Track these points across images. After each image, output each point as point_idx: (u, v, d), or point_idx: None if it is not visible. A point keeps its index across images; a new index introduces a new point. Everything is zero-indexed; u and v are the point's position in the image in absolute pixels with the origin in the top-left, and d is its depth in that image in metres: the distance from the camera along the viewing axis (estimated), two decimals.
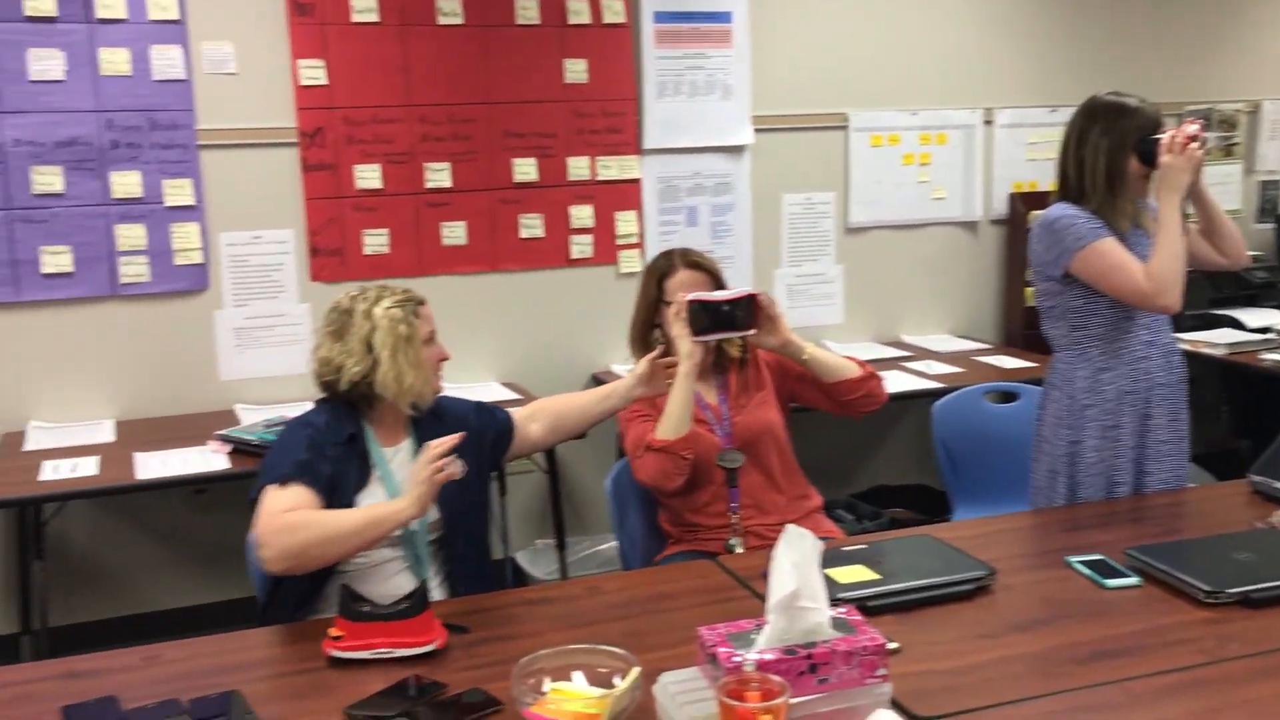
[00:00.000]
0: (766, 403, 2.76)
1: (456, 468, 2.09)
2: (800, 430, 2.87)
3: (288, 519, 2.08)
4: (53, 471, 3.10)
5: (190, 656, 1.94)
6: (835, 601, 1.67)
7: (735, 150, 4.33)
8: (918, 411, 4.51)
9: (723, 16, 4.22)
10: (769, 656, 1.50)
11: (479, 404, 2.52)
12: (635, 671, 1.62)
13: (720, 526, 2.68)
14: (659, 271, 2.76)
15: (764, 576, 2.11)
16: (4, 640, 3.58)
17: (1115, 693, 1.70)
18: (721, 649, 1.54)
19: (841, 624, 1.59)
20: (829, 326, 4.55)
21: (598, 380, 4.12)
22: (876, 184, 4.54)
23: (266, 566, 2.09)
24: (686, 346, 2.54)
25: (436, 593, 2.30)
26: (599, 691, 1.62)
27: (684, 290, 2.65)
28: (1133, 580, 2.08)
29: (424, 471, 2.07)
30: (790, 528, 1.63)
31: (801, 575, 1.56)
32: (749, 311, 2.56)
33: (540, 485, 4.14)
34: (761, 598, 2.04)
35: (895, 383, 3.89)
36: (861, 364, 2.70)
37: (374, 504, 2.19)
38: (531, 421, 2.55)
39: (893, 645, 1.74)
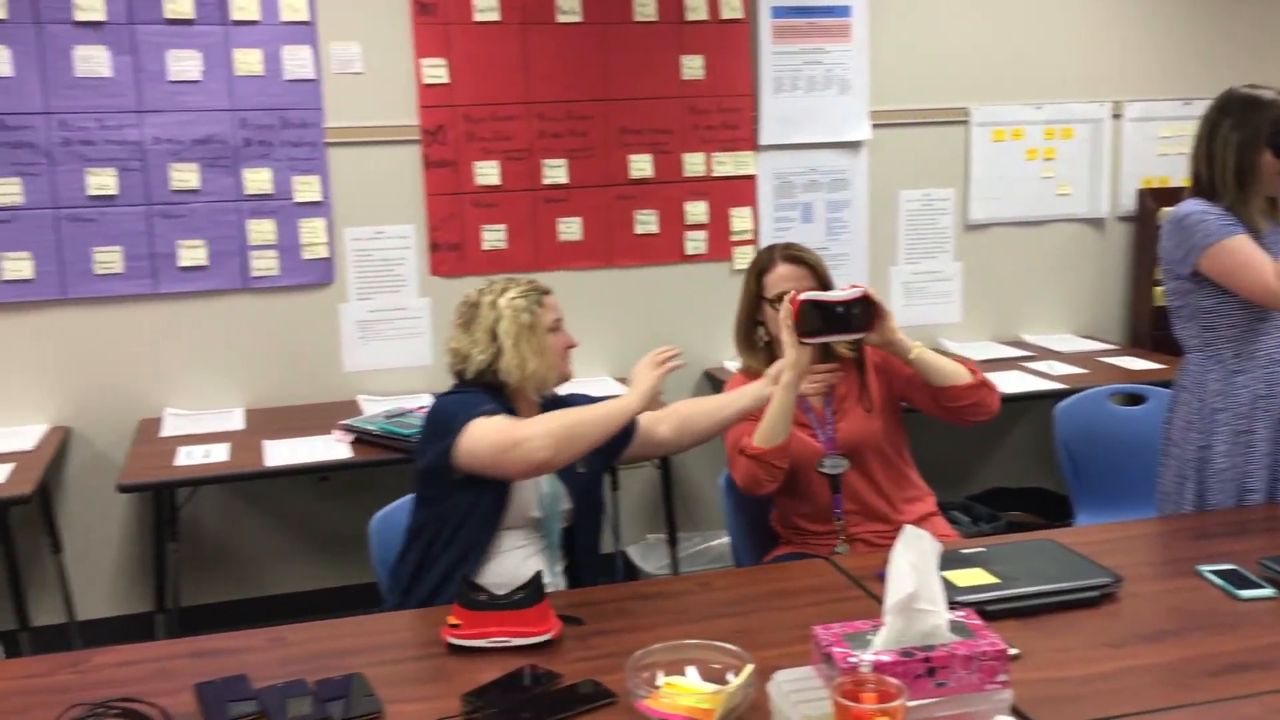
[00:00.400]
0: (873, 407, 2.68)
1: (679, 362, 2.30)
2: (915, 429, 2.81)
3: (539, 418, 2.18)
4: (186, 457, 3.23)
5: (315, 639, 2.00)
6: (954, 605, 1.64)
7: (852, 146, 4.28)
8: (1038, 413, 4.40)
9: (841, 10, 4.18)
10: (886, 658, 1.48)
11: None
12: (749, 669, 1.61)
13: (826, 532, 2.64)
14: (758, 266, 2.71)
15: (879, 577, 2.10)
16: (140, 618, 3.74)
17: (1252, 707, 1.64)
18: (837, 649, 1.52)
19: (960, 628, 1.56)
20: (946, 325, 4.47)
21: (710, 376, 4.12)
22: (998, 180, 4.44)
23: (536, 454, 2.13)
24: (793, 354, 2.45)
25: (558, 583, 2.34)
26: (712, 687, 1.62)
27: (783, 285, 2.61)
28: (1268, 592, 2.00)
29: (651, 367, 2.25)
30: (908, 528, 1.61)
31: (920, 577, 1.53)
32: (865, 312, 2.44)
33: (652, 480, 4.16)
34: (876, 599, 2.03)
35: (1015, 383, 3.82)
36: (974, 369, 2.58)
37: (609, 401, 2.26)
38: (659, 424, 2.53)
39: (1013, 651, 1.71)
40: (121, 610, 3.82)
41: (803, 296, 2.44)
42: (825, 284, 2.64)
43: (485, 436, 2.18)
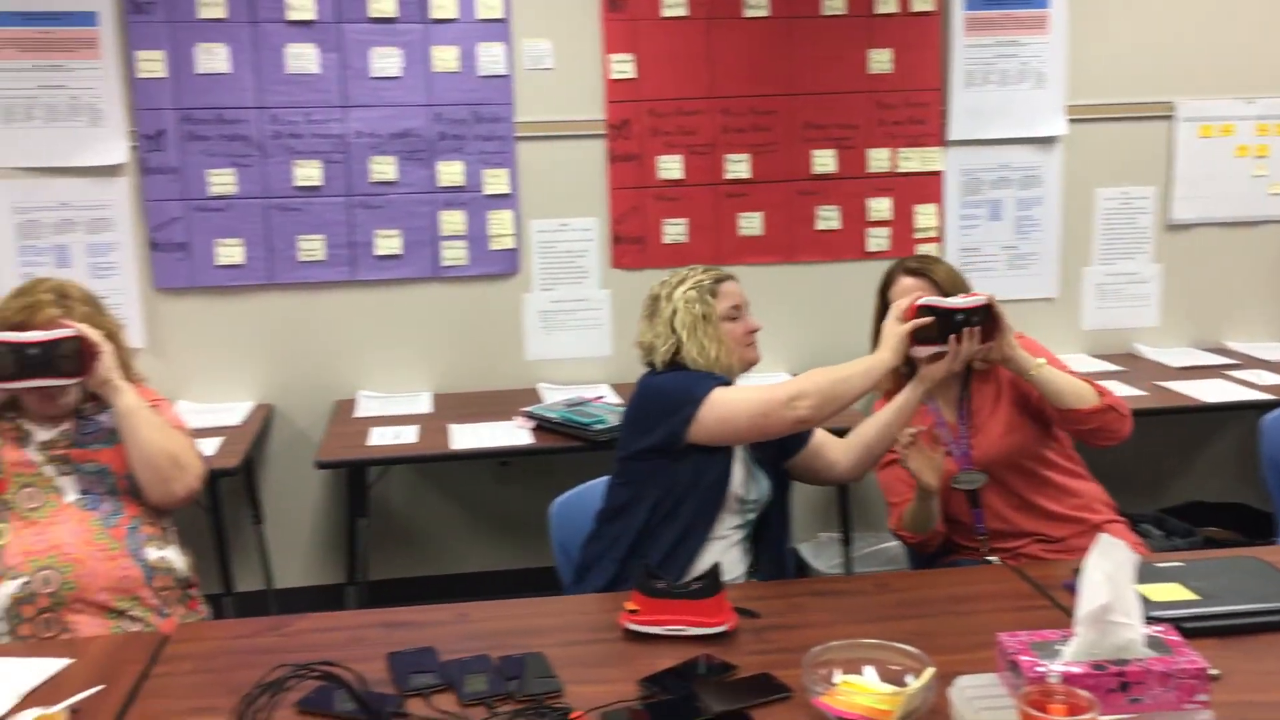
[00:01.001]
0: (1009, 421, 2.58)
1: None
2: None
3: (801, 376, 2.31)
4: (378, 438, 3.38)
5: (498, 617, 2.06)
6: (1150, 619, 1.57)
7: (1046, 142, 4.13)
8: (1242, 424, 4.17)
9: (1039, 1, 4.04)
10: (1076, 670, 1.44)
11: None
12: (929, 671, 1.59)
13: (972, 547, 2.58)
14: (883, 282, 2.67)
15: (1066, 587, 2.04)
16: (331, 589, 3.94)
17: None
18: (1024, 657, 1.49)
19: (1157, 643, 1.50)
20: (1142, 329, 4.27)
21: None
22: (1205, 178, 4.21)
23: (802, 411, 2.23)
24: (928, 369, 2.36)
25: (743, 575, 2.36)
26: (891, 688, 1.60)
27: (910, 294, 2.54)
28: None
29: (897, 322, 2.29)
30: (1103, 537, 1.56)
31: (1114, 588, 1.48)
32: (987, 320, 2.33)
33: None
34: (1063, 609, 1.97)
35: (1217, 392, 3.62)
36: (1103, 391, 2.45)
37: (860, 359, 2.33)
38: (833, 448, 2.53)
39: (1213, 671, 1.63)
40: (314, 580, 4.03)
41: (921, 301, 2.35)
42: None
43: (742, 401, 2.27)
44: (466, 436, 3.37)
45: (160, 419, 2.40)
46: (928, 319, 2.31)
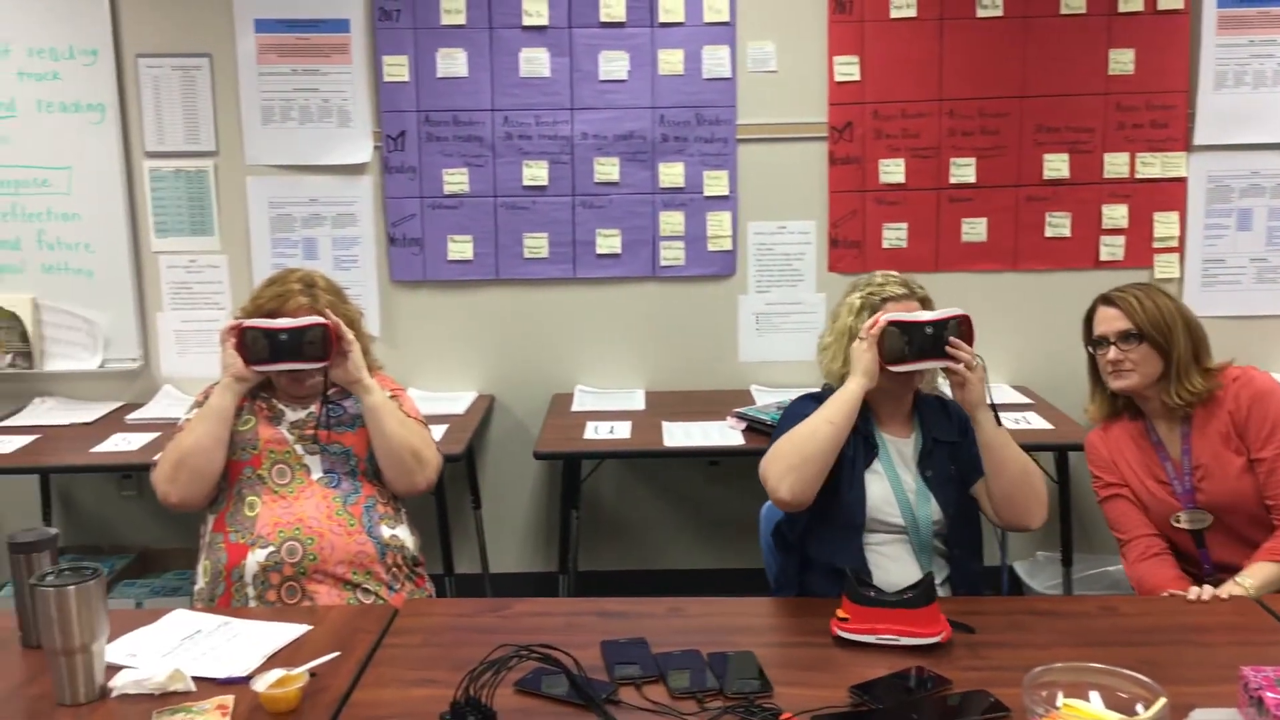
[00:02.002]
0: (1243, 464, 2.42)
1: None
2: None
3: (768, 455, 2.30)
4: (593, 432, 3.46)
5: (709, 614, 2.09)
6: None
7: None
8: None
9: None
10: None
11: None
12: (1161, 702, 1.51)
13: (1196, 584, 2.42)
14: (1085, 314, 2.63)
15: None
16: (543, 576, 4.07)
17: None
18: (1270, 694, 1.40)
19: None
20: None
21: None
22: None
23: (785, 495, 2.21)
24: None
25: (940, 592, 2.30)
26: (1117, 716, 1.54)
27: (1104, 326, 2.52)
28: None
29: (861, 346, 2.27)
30: None
31: None
32: (960, 335, 2.27)
33: (1047, 494, 3.96)
34: None
35: None
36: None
37: (830, 399, 2.29)
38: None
39: None
40: (526, 567, 4.16)
41: (886, 318, 2.26)
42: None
43: (764, 473, 2.29)
44: (678, 434, 3.41)
45: (402, 414, 2.54)
46: (885, 332, 2.26)
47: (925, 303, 2.39)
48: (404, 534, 2.53)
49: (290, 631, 2.01)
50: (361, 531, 2.44)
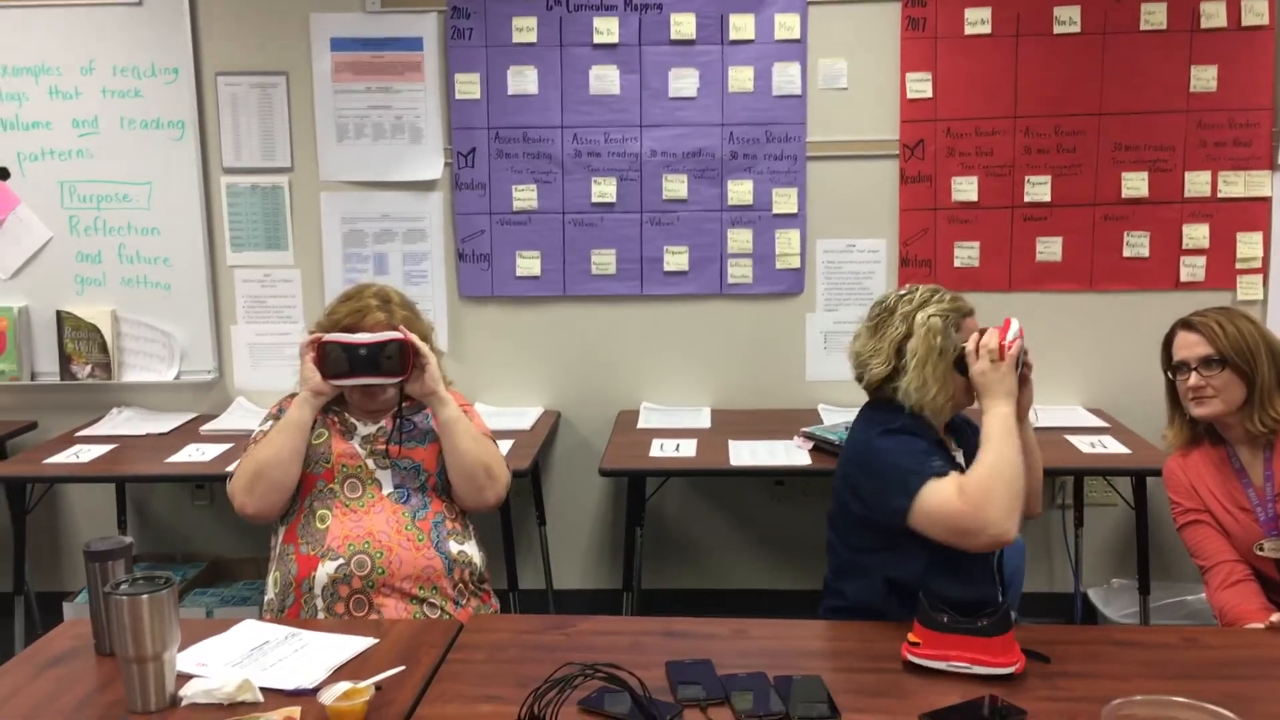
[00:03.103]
0: None
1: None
2: None
3: (990, 492, 2.06)
4: (659, 449, 3.44)
5: (775, 636, 2.06)
6: None
7: None
8: None
9: None
10: None
11: None
12: None
13: None
14: (1165, 338, 2.54)
15: None
16: (606, 594, 4.06)
17: None
18: None
19: None
20: None
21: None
22: None
23: (1006, 538, 2.07)
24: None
25: None
26: None
27: (1184, 352, 2.44)
28: None
29: (992, 366, 2.15)
30: None
31: None
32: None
33: (1124, 520, 3.88)
34: None
35: None
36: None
37: (995, 433, 2.13)
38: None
39: None
40: (590, 584, 4.16)
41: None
42: (1215, 351, 2.41)
43: (941, 514, 2.08)
44: (744, 453, 3.38)
45: (475, 429, 2.56)
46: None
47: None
48: (471, 550, 2.53)
49: (357, 644, 2.01)
50: (430, 546, 2.44)
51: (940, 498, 2.09)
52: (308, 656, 1.96)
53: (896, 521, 2.13)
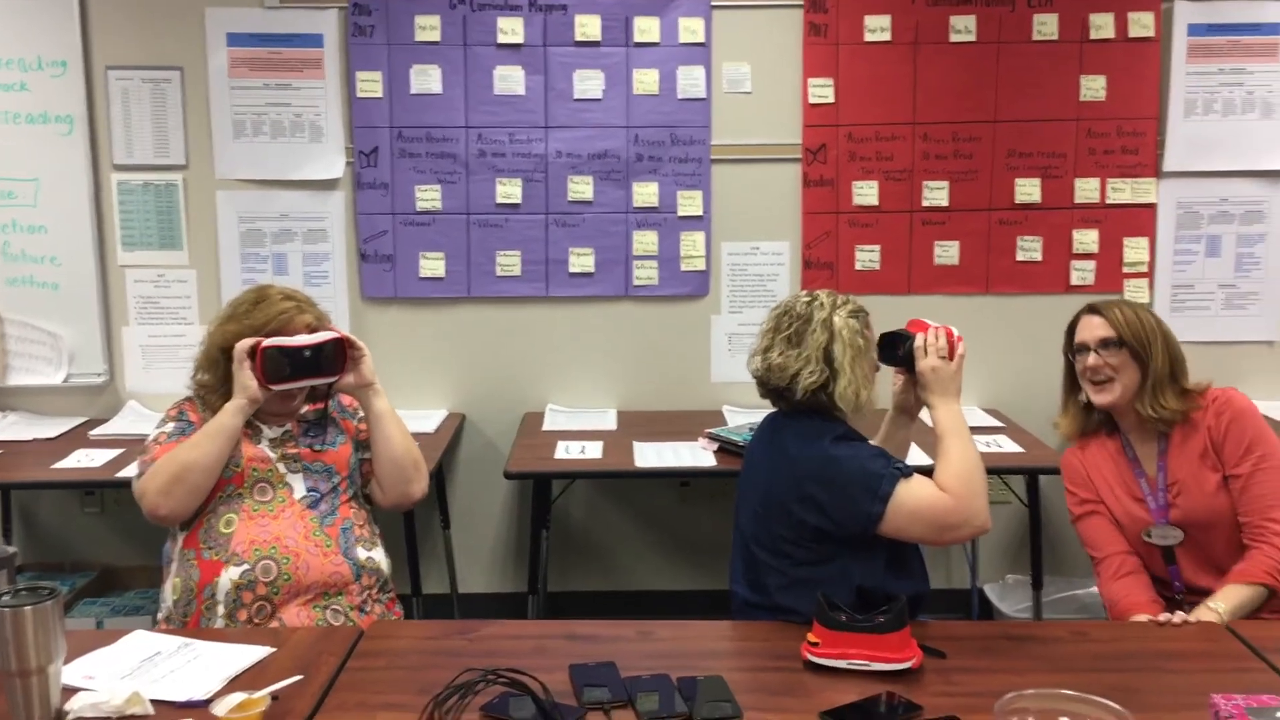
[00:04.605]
0: (1218, 481, 2.45)
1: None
2: None
3: (959, 483, 2.13)
4: (564, 451, 3.43)
5: (679, 637, 2.07)
6: None
7: (1272, 175, 3.89)
8: None
9: (1270, 28, 3.81)
10: None
11: None
12: None
13: (1167, 607, 2.42)
14: (1069, 323, 2.64)
15: None
16: (512, 597, 4.03)
17: None
18: None
19: None
20: None
21: None
22: None
23: (980, 529, 2.15)
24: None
25: None
26: None
27: (1086, 333, 2.53)
28: None
29: (944, 363, 2.25)
30: None
31: None
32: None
33: (1017, 517, 3.98)
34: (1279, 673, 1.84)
35: None
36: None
37: (955, 424, 2.22)
38: None
39: None
40: (496, 588, 4.13)
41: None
42: (1115, 335, 2.51)
43: (927, 511, 2.11)
44: (650, 455, 3.39)
45: (403, 421, 2.58)
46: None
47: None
48: (379, 556, 2.50)
49: (253, 654, 1.97)
50: (338, 553, 2.40)
51: (923, 495, 2.12)
52: (202, 667, 1.91)
53: (868, 527, 2.12)
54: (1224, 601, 2.29)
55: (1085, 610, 3.79)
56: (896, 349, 2.33)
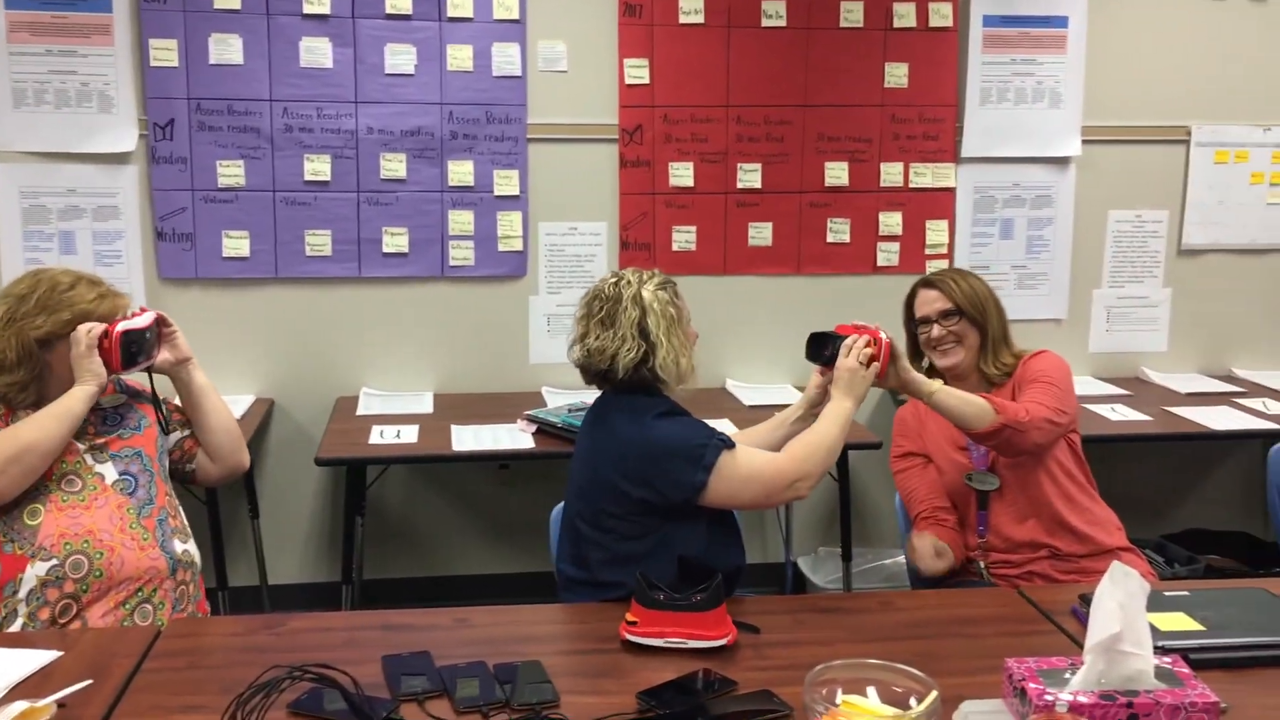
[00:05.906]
0: None
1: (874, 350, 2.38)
2: (1108, 460, 2.69)
3: (799, 452, 2.23)
4: (379, 436, 3.35)
5: (496, 623, 2.04)
6: (1157, 649, 1.55)
7: (1060, 162, 4.12)
8: (1247, 453, 4.15)
9: (1058, 21, 4.02)
10: (1084, 699, 1.42)
11: None
12: (933, 695, 1.56)
13: (972, 548, 2.65)
14: (907, 296, 2.80)
15: (1074, 613, 2.02)
16: (326, 587, 3.91)
17: None
18: (1032, 684, 1.46)
19: (1167, 674, 1.48)
20: (1150, 354, 4.25)
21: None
22: (1218, 204, 4.19)
23: (803, 492, 2.22)
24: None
25: None
26: (893, 711, 1.58)
27: (925, 308, 2.69)
28: None
29: (860, 368, 2.33)
30: (1116, 565, 1.53)
31: (1126, 617, 1.46)
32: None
33: (828, 491, 4.10)
34: (1069, 635, 1.95)
35: (1223, 419, 3.59)
36: (1000, 408, 2.44)
37: (832, 414, 2.31)
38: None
39: (1222, 705, 1.60)
40: (309, 578, 4.00)
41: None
42: (957, 308, 2.69)
43: (751, 478, 2.18)
44: (468, 438, 3.34)
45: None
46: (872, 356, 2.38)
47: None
48: (194, 549, 2.40)
49: (37, 659, 1.84)
50: (155, 546, 2.28)
51: (755, 461, 2.19)
52: None
53: (692, 497, 2.15)
54: (942, 394, 2.45)
55: (892, 579, 3.94)
56: (824, 349, 2.43)
